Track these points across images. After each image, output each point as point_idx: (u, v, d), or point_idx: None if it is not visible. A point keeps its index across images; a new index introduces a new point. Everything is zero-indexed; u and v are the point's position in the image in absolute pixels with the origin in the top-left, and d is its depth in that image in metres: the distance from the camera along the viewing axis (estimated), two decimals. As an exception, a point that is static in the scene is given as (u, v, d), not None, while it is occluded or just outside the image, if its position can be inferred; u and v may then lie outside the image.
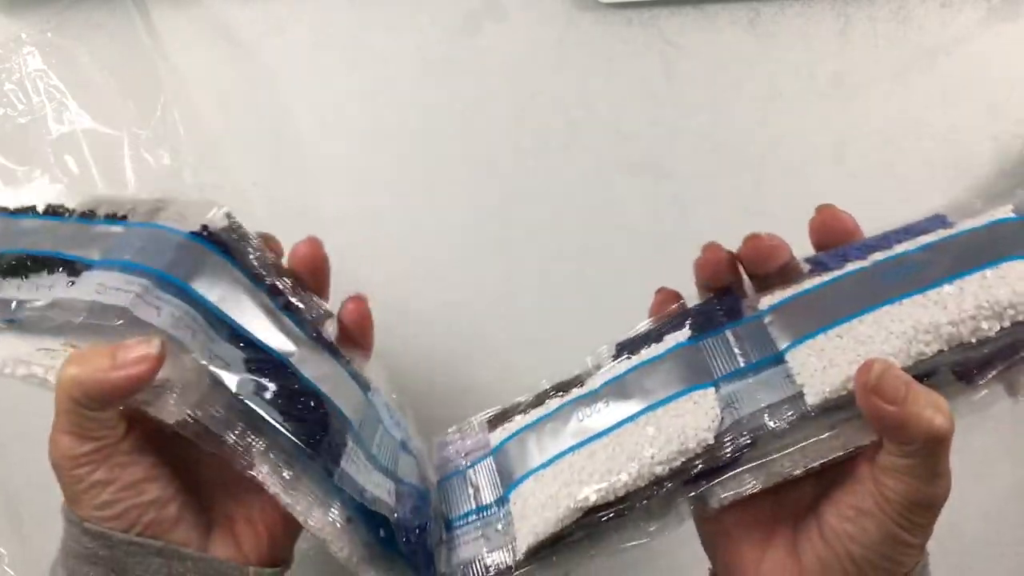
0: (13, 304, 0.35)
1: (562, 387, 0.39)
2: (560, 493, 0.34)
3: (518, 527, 0.35)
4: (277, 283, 0.38)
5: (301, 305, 0.38)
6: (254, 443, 0.33)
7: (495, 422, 0.40)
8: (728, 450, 0.33)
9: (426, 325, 0.54)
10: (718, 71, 0.50)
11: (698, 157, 0.51)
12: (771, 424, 0.32)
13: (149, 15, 0.53)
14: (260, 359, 0.34)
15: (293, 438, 0.33)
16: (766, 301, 0.36)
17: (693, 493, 0.34)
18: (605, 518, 0.34)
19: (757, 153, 0.50)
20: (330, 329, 0.39)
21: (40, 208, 0.40)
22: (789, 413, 0.32)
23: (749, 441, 0.33)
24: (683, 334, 0.37)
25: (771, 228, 0.50)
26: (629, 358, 0.38)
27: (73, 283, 0.34)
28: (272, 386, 0.34)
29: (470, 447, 0.40)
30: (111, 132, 0.53)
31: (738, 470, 0.33)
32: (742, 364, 0.35)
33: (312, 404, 0.35)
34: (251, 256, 0.38)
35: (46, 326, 0.34)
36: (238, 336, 0.35)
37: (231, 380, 0.33)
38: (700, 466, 0.33)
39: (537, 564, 0.35)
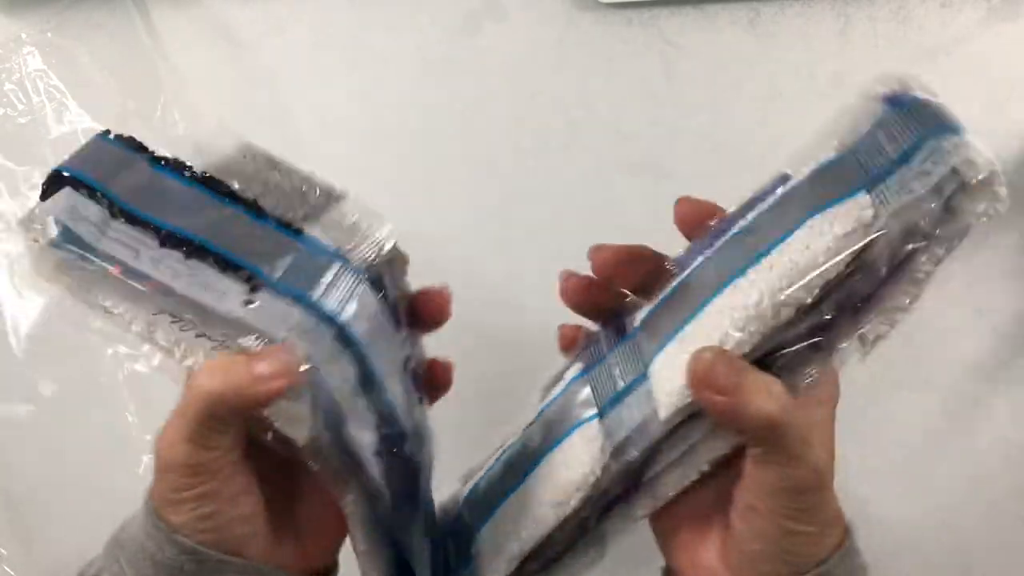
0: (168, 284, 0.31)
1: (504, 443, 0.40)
2: (502, 555, 0.36)
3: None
4: (409, 343, 0.37)
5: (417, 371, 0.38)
6: (352, 490, 0.33)
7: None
8: (616, 482, 0.33)
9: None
10: (718, 71, 0.50)
11: (698, 157, 0.51)
12: (632, 451, 0.32)
13: (149, 15, 0.53)
14: (389, 433, 0.34)
15: (389, 505, 0.34)
16: (639, 315, 0.35)
17: (609, 518, 0.34)
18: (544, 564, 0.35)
19: (757, 153, 0.50)
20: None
21: (187, 168, 0.34)
22: (650, 432, 0.32)
23: (628, 466, 0.33)
24: (575, 369, 0.37)
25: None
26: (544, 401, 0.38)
27: (251, 304, 0.31)
28: (390, 459, 0.34)
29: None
30: (111, 132, 0.53)
31: (638, 492, 0.34)
32: (620, 387, 0.34)
33: (413, 480, 0.36)
34: (395, 293, 0.36)
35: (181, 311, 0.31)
36: (380, 398, 0.34)
37: (365, 439, 0.33)
38: (600, 500, 0.34)
39: None
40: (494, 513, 0.37)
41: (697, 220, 0.36)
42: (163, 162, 0.33)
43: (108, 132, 0.34)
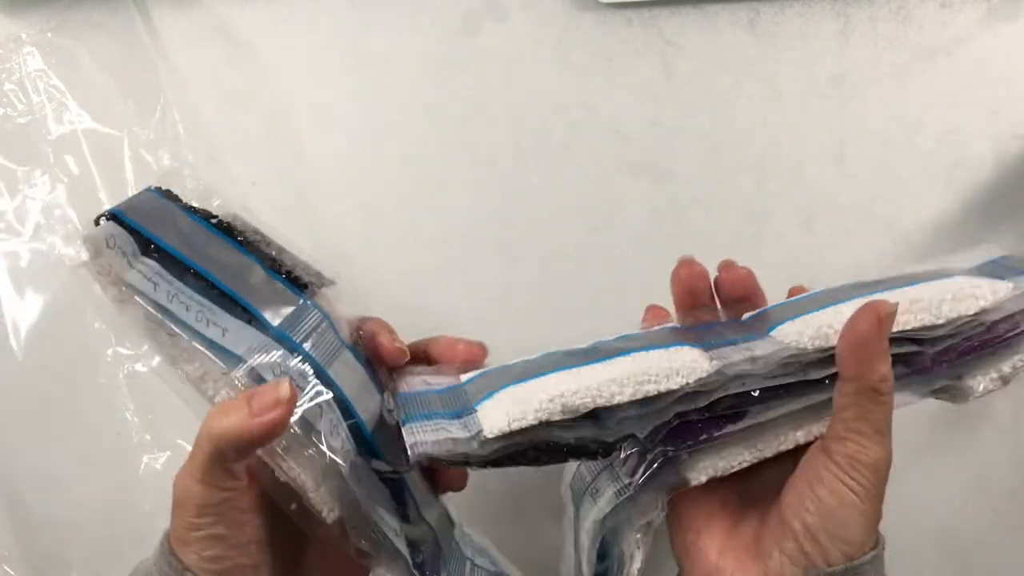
0: (180, 318, 0.35)
1: None
2: (541, 395, 0.33)
3: (485, 418, 0.33)
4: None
5: None
6: (381, 552, 0.35)
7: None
8: (716, 389, 0.34)
9: (426, 324, 0.54)
10: (718, 71, 0.50)
11: (698, 157, 0.51)
12: (759, 364, 0.34)
13: (149, 15, 0.53)
14: (392, 478, 0.37)
15: (413, 571, 0.36)
16: (744, 313, 0.38)
17: (674, 453, 0.34)
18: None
19: (757, 153, 0.50)
20: None
21: (213, 216, 0.39)
22: (772, 357, 0.34)
23: (735, 388, 0.34)
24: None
25: (771, 228, 0.51)
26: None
27: (250, 344, 0.35)
28: (398, 510, 0.37)
29: (437, 380, 0.39)
30: (111, 132, 0.53)
31: (717, 435, 0.34)
32: (728, 337, 0.36)
33: (427, 536, 0.38)
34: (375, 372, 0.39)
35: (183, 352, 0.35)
36: (373, 453, 0.36)
37: (381, 510, 0.35)
38: (686, 407, 0.34)
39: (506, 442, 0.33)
40: (532, 380, 0.35)
41: (690, 285, 0.39)
42: (192, 210, 0.39)
43: (152, 186, 0.40)
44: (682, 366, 0.33)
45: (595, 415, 0.34)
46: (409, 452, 0.33)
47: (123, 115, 0.53)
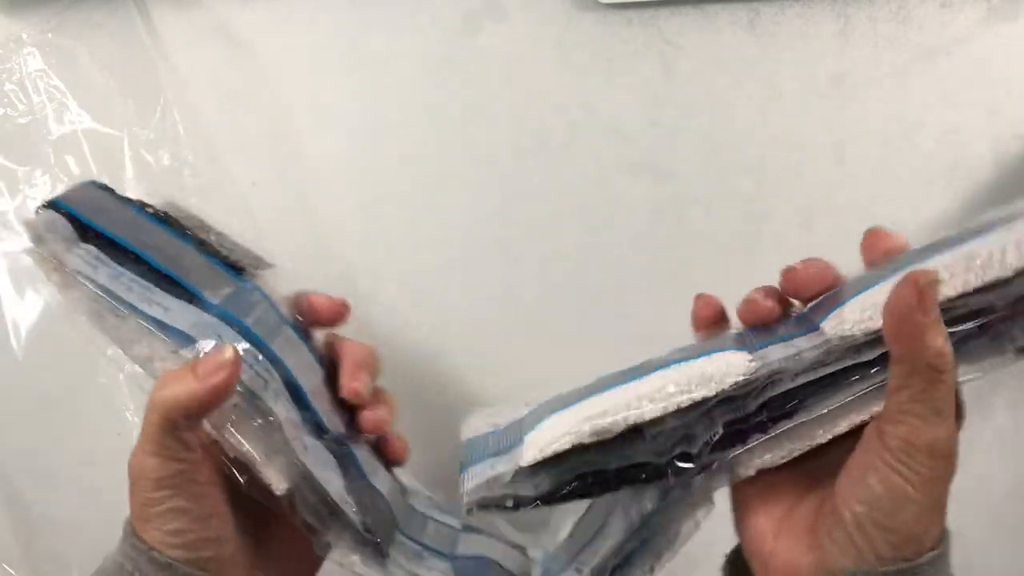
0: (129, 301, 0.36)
1: None
2: (574, 419, 0.32)
3: (526, 448, 0.33)
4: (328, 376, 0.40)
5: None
6: (329, 524, 0.36)
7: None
8: (764, 390, 0.32)
9: (426, 324, 0.54)
10: (718, 71, 0.50)
11: (698, 157, 0.51)
12: (797, 359, 0.31)
13: (149, 15, 0.53)
14: (338, 451, 0.37)
15: (364, 533, 0.36)
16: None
17: (720, 461, 0.33)
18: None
19: (757, 153, 0.50)
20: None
21: (149, 206, 0.40)
22: (816, 349, 0.31)
23: (784, 386, 0.32)
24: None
25: (771, 228, 0.51)
26: None
27: (191, 320, 0.36)
28: (345, 477, 0.37)
29: (502, 417, 0.38)
30: (111, 132, 0.53)
31: (765, 438, 0.32)
32: (780, 334, 0.34)
33: (376, 501, 0.38)
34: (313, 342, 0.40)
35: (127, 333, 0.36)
36: (319, 427, 0.37)
37: (327, 476, 0.36)
38: (728, 416, 0.32)
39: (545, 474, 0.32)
40: (576, 404, 0.33)
41: (711, 320, 0.37)
42: (129, 200, 0.40)
43: (89, 180, 0.41)
44: (716, 371, 0.31)
45: (640, 433, 0.32)
46: (464, 501, 0.33)
47: (123, 115, 0.53)
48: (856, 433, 0.32)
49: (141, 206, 0.40)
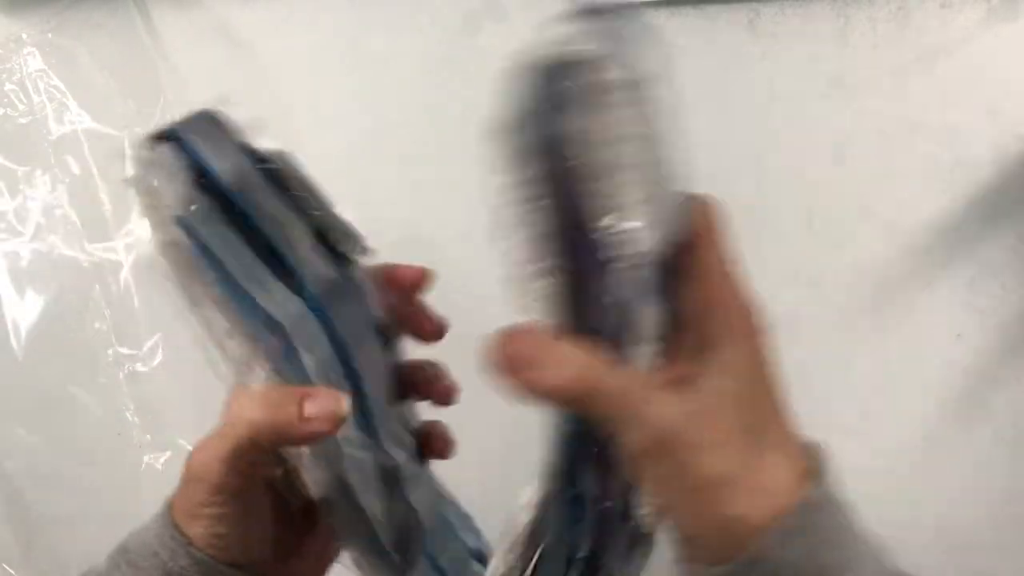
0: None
1: None
2: None
3: None
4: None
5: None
6: (359, 536, 0.35)
7: None
8: None
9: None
10: (718, 71, 0.50)
11: (698, 157, 0.50)
12: None
13: (149, 15, 0.53)
14: (387, 463, 0.36)
15: (389, 549, 0.36)
16: None
17: None
18: None
19: (757, 153, 0.50)
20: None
21: (260, 158, 0.36)
22: None
23: None
24: None
25: (771, 228, 0.50)
26: None
27: (291, 312, 0.33)
28: (388, 498, 0.36)
29: None
30: (111, 132, 0.53)
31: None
32: None
33: (410, 521, 0.37)
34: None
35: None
36: (373, 435, 0.36)
37: (369, 499, 0.35)
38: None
39: None
40: None
41: None
42: (244, 148, 0.35)
43: (206, 110, 0.35)
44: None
45: None
46: None
47: (123, 115, 0.53)
48: None
49: (253, 155, 0.34)
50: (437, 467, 0.42)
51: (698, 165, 0.52)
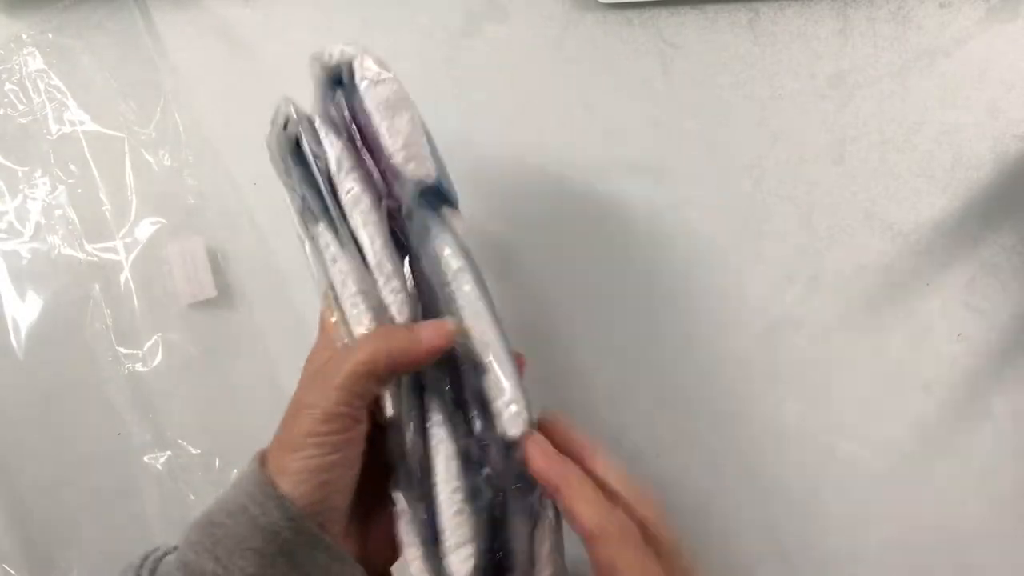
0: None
1: None
2: None
3: None
4: None
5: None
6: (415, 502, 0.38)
7: None
8: None
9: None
10: (718, 71, 0.50)
11: (698, 157, 0.51)
12: None
13: (149, 15, 0.53)
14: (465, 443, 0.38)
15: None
16: None
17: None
18: None
19: (757, 153, 0.50)
20: None
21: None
22: None
23: None
24: None
25: (771, 228, 0.51)
26: None
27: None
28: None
29: None
30: (111, 132, 0.53)
31: None
32: None
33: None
34: None
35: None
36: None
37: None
38: None
39: None
40: None
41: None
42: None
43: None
44: None
45: None
46: None
47: (123, 115, 0.53)
48: None
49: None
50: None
51: (698, 165, 0.52)
